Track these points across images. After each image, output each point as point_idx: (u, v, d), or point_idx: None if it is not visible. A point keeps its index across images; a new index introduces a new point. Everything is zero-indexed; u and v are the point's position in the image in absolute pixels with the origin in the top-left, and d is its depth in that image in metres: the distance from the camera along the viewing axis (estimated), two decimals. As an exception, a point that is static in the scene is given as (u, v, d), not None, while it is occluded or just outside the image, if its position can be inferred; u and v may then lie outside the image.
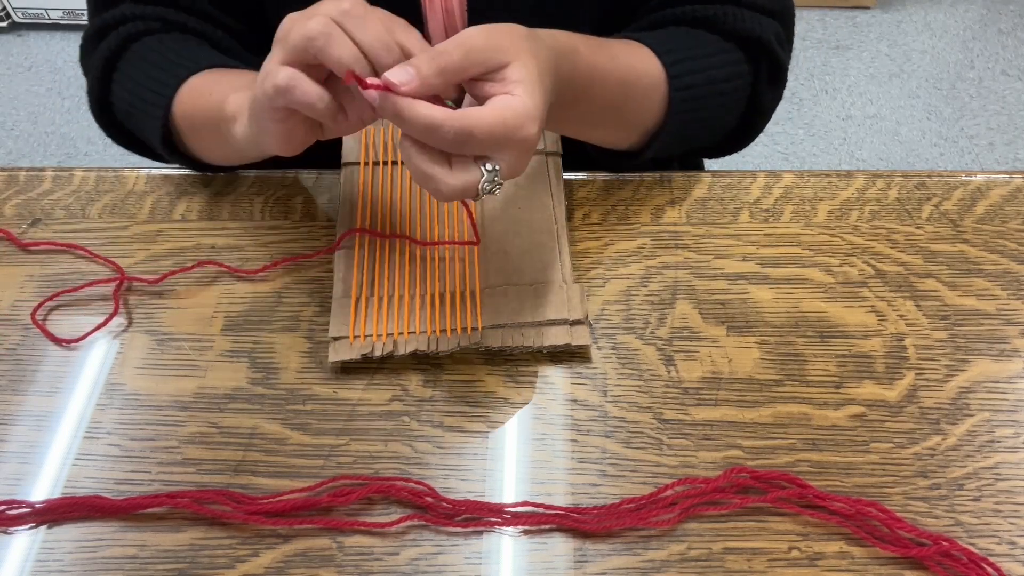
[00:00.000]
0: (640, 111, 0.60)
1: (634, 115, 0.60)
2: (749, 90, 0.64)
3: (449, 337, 0.53)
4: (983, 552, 0.46)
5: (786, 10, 0.65)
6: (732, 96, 0.63)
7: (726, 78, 0.61)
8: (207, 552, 0.46)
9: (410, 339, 0.53)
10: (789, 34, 0.66)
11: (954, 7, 2.19)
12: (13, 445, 0.50)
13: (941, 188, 0.63)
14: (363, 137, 0.63)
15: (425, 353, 0.53)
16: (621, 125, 0.60)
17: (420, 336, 0.53)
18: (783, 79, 0.66)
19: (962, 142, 1.86)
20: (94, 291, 0.57)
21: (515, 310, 0.54)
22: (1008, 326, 0.55)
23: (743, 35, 0.62)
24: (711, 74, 0.60)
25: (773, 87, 0.65)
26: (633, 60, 0.58)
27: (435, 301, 0.55)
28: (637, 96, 0.58)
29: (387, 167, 0.62)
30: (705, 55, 0.61)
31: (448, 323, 0.53)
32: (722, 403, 0.52)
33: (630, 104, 0.59)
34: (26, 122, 1.89)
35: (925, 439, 0.50)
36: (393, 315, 0.54)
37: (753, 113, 0.65)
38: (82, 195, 0.63)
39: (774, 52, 0.63)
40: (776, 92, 0.66)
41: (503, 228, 0.58)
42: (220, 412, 0.51)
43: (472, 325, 0.53)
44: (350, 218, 0.59)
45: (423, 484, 0.48)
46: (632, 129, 0.61)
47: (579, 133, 0.60)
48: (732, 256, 0.59)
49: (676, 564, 0.46)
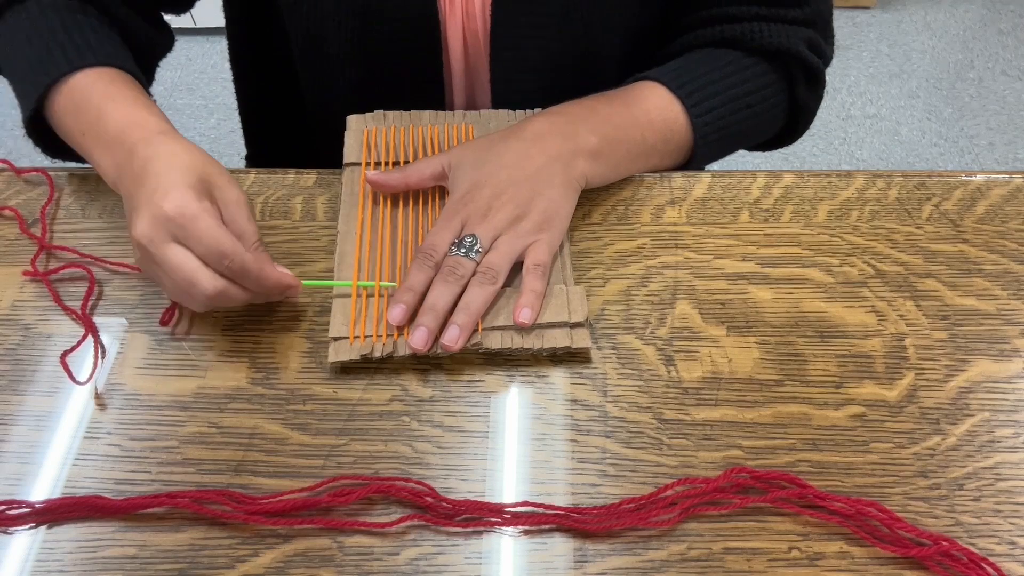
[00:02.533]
0: (667, 146, 0.64)
1: (664, 150, 0.64)
2: (785, 96, 0.68)
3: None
4: (983, 552, 0.46)
5: (819, 16, 0.67)
6: (763, 106, 0.66)
7: (750, 92, 0.65)
8: (207, 552, 0.46)
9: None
10: (826, 34, 0.69)
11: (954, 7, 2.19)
12: (13, 445, 0.50)
13: (941, 188, 0.63)
14: (364, 137, 0.63)
15: (425, 354, 0.53)
16: (657, 161, 0.64)
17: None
18: (821, 80, 0.69)
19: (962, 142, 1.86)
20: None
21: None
22: (1008, 326, 0.55)
23: (770, 51, 0.65)
24: (732, 93, 0.64)
25: (811, 89, 0.69)
26: (649, 106, 0.62)
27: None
28: (660, 129, 0.62)
29: (388, 168, 0.62)
30: (722, 76, 0.64)
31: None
32: (722, 403, 0.52)
33: (656, 143, 0.63)
34: (26, 122, 1.88)
35: (925, 439, 0.50)
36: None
37: (796, 113, 0.70)
38: (82, 195, 0.63)
39: (804, 59, 0.66)
40: (816, 93, 0.70)
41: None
42: (220, 412, 0.51)
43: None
44: (351, 218, 0.59)
45: (423, 484, 0.48)
46: (670, 160, 0.65)
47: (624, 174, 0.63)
48: (732, 256, 0.59)
49: (676, 564, 0.46)
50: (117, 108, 0.55)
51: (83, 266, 0.57)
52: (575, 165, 0.58)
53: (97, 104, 0.55)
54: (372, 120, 0.64)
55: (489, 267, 0.54)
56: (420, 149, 0.63)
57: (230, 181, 0.53)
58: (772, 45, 0.64)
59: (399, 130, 0.63)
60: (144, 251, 0.50)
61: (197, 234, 0.49)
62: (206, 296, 0.50)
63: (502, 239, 0.55)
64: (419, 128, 0.64)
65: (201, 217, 0.49)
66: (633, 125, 0.61)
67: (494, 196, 0.56)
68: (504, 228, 0.55)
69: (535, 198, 0.56)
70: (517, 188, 0.56)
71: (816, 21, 0.67)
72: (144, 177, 0.51)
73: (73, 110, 0.56)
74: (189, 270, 0.49)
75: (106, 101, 0.55)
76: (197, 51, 2.11)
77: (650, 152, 0.63)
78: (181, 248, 0.49)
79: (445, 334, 0.52)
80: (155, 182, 0.50)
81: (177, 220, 0.49)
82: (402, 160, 0.62)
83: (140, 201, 0.50)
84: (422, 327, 0.52)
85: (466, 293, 0.53)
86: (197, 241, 0.49)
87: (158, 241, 0.49)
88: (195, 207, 0.49)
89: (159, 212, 0.49)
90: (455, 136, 0.63)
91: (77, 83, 0.56)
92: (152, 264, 0.51)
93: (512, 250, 0.55)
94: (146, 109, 0.56)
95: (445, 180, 0.60)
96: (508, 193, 0.56)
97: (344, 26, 0.65)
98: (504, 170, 0.57)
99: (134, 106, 0.55)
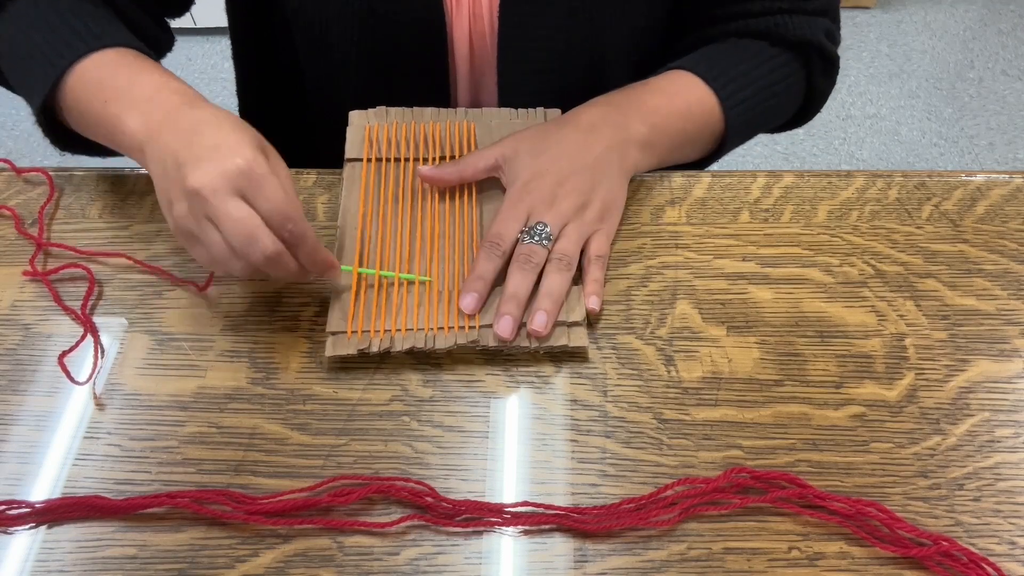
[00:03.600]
0: (702, 137, 0.65)
1: (699, 140, 0.65)
2: (804, 83, 0.69)
3: (446, 334, 0.53)
4: (983, 552, 0.46)
5: (831, 4, 0.69)
6: (785, 95, 0.68)
7: (775, 81, 0.66)
8: (207, 552, 0.46)
9: (407, 336, 0.53)
10: (837, 21, 0.70)
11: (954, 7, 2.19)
12: (13, 445, 0.50)
13: (941, 188, 0.63)
14: (367, 133, 0.63)
15: (422, 350, 0.53)
16: (690, 151, 0.65)
17: (418, 333, 0.53)
18: (836, 66, 0.71)
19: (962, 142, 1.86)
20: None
21: None
22: (1008, 326, 0.55)
23: (794, 42, 0.66)
24: (760, 84, 0.65)
25: (827, 75, 0.71)
26: (690, 97, 0.63)
27: (433, 298, 0.55)
28: (699, 121, 0.63)
29: (390, 164, 0.62)
30: (752, 67, 0.65)
31: (446, 321, 0.53)
32: (722, 403, 0.52)
33: (694, 134, 0.64)
34: (26, 122, 1.89)
35: (925, 439, 0.50)
36: (391, 311, 0.54)
37: (811, 99, 0.71)
38: (82, 195, 0.63)
39: (824, 49, 0.67)
40: (831, 78, 0.71)
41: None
42: (220, 412, 0.51)
43: (470, 324, 0.53)
44: (352, 213, 0.59)
45: (423, 484, 0.48)
46: (701, 150, 0.66)
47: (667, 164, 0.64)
48: (732, 256, 0.59)
49: (676, 564, 0.46)
50: (152, 75, 0.53)
51: (83, 266, 0.57)
52: (628, 155, 0.59)
53: (127, 74, 0.54)
54: (374, 116, 0.64)
55: (564, 254, 0.55)
56: (422, 145, 0.63)
57: (279, 156, 0.52)
58: (796, 37, 0.66)
59: (401, 126, 0.64)
60: (201, 202, 0.47)
61: (267, 192, 0.47)
62: (264, 256, 0.48)
63: (569, 227, 0.56)
64: (421, 125, 0.64)
65: (270, 177, 0.47)
66: (677, 116, 0.62)
67: (558, 184, 0.57)
68: (570, 216, 0.56)
69: (596, 187, 0.57)
70: (579, 177, 0.57)
71: (829, 10, 0.68)
72: (200, 133, 0.49)
73: (96, 83, 0.54)
74: (252, 225, 0.47)
75: (137, 71, 0.54)
76: (197, 51, 2.10)
77: (690, 143, 0.64)
78: (244, 203, 0.47)
79: (533, 320, 0.53)
80: (217, 138, 0.48)
81: (249, 174, 0.47)
82: (403, 156, 0.62)
83: (199, 153, 0.47)
84: (507, 316, 0.53)
85: (547, 279, 0.54)
86: (265, 199, 0.47)
87: (223, 192, 0.47)
88: (265, 167, 0.48)
89: (230, 164, 0.47)
90: (456, 133, 0.63)
91: (102, 58, 0.54)
92: (202, 220, 0.48)
93: (580, 238, 0.56)
94: (181, 81, 0.54)
95: (499, 172, 0.60)
96: (571, 181, 0.57)
97: (350, 28, 0.65)
98: (564, 159, 0.58)
99: (168, 76, 0.54)
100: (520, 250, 0.55)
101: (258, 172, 0.47)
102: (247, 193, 0.47)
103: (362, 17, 0.64)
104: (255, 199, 0.47)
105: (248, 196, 0.47)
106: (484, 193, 0.60)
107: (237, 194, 0.47)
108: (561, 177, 0.57)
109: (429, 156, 0.62)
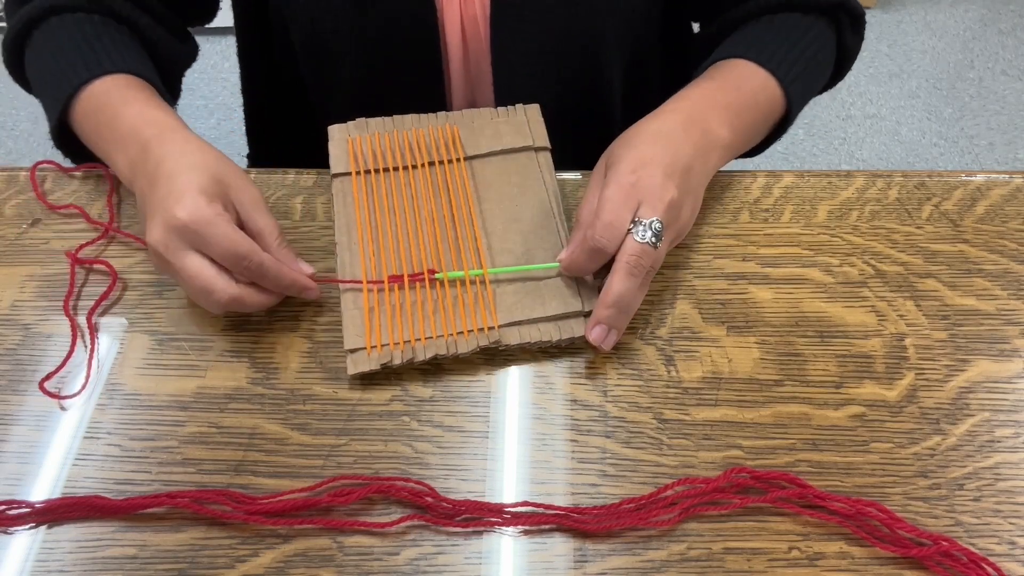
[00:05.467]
0: (768, 123, 0.64)
1: (765, 128, 0.65)
2: (835, 44, 0.69)
3: (467, 339, 0.53)
4: (983, 552, 0.46)
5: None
6: (827, 61, 0.69)
7: (819, 50, 0.67)
8: (207, 552, 0.46)
9: (428, 344, 0.53)
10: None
11: (954, 7, 2.19)
12: (13, 445, 0.50)
13: (941, 188, 0.63)
14: (349, 146, 0.62)
15: (445, 356, 0.52)
16: (755, 140, 0.65)
17: (437, 340, 0.53)
18: (863, 22, 0.70)
19: (962, 142, 1.86)
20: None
21: (528, 306, 0.54)
22: (1008, 326, 0.55)
23: (824, 6, 0.66)
24: (807, 56, 0.65)
25: (856, 33, 0.71)
26: (754, 85, 0.62)
27: (447, 304, 0.54)
28: (765, 110, 0.63)
29: (379, 175, 0.61)
30: (796, 40, 0.65)
31: (464, 325, 0.53)
32: (722, 403, 0.52)
33: (762, 124, 0.63)
34: (26, 122, 1.89)
35: (925, 439, 0.50)
36: (407, 321, 0.54)
37: (843, 59, 0.71)
38: (82, 195, 0.63)
39: (852, 8, 0.68)
40: (860, 35, 0.71)
41: (503, 227, 0.58)
42: (220, 412, 0.51)
43: (488, 325, 0.53)
44: (350, 228, 0.58)
45: (423, 484, 0.48)
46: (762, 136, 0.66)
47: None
48: (732, 256, 0.59)
49: (676, 564, 0.46)
50: (130, 108, 0.56)
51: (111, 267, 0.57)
52: (710, 160, 0.58)
53: (113, 106, 0.57)
54: (355, 129, 0.63)
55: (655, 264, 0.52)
56: (408, 153, 0.62)
57: (244, 179, 0.53)
58: (826, 2, 0.66)
59: (383, 136, 0.63)
60: (159, 258, 0.51)
61: (213, 239, 0.49)
62: (222, 304, 0.51)
63: (667, 231, 0.52)
64: (403, 132, 0.63)
65: (215, 222, 0.49)
66: (748, 110, 0.61)
67: (667, 176, 0.53)
68: (670, 221, 0.53)
69: (687, 194, 0.55)
70: (681, 178, 0.54)
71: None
72: (157, 178, 0.51)
73: (93, 113, 0.57)
74: (205, 278, 0.50)
75: (120, 103, 0.57)
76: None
77: (758, 134, 0.64)
78: (197, 256, 0.50)
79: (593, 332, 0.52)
80: (168, 185, 0.50)
81: (191, 227, 0.49)
82: (391, 166, 0.61)
83: (154, 206, 0.50)
84: (605, 327, 0.51)
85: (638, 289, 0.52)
86: (215, 246, 0.49)
87: (173, 248, 0.49)
88: (208, 212, 0.49)
89: (173, 219, 0.49)
90: (440, 137, 0.62)
91: (95, 89, 0.57)
92: (168, 269, 0.51)
93: (669, 245, 0.54)
94: (159, 108, 0.57)
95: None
96: (674, 180, 0.53)
97: (342, 18, 0.65)
98: (668, 154, 0.54)
99: (146, 105, 0.56)
100: (630, 248, 0.50)
101: (201, 221, 0.49)
102: (196, 244, 0.50)
103: (353, 4, 0.64)
104: (205, 248, 0.50)
105: (198, 246, 0.50)
106: (483, 193, 0.60)
107: (189, 247, 0.50)
108: (669, 171, 0.53)
109: (417, 163, 0.61)
